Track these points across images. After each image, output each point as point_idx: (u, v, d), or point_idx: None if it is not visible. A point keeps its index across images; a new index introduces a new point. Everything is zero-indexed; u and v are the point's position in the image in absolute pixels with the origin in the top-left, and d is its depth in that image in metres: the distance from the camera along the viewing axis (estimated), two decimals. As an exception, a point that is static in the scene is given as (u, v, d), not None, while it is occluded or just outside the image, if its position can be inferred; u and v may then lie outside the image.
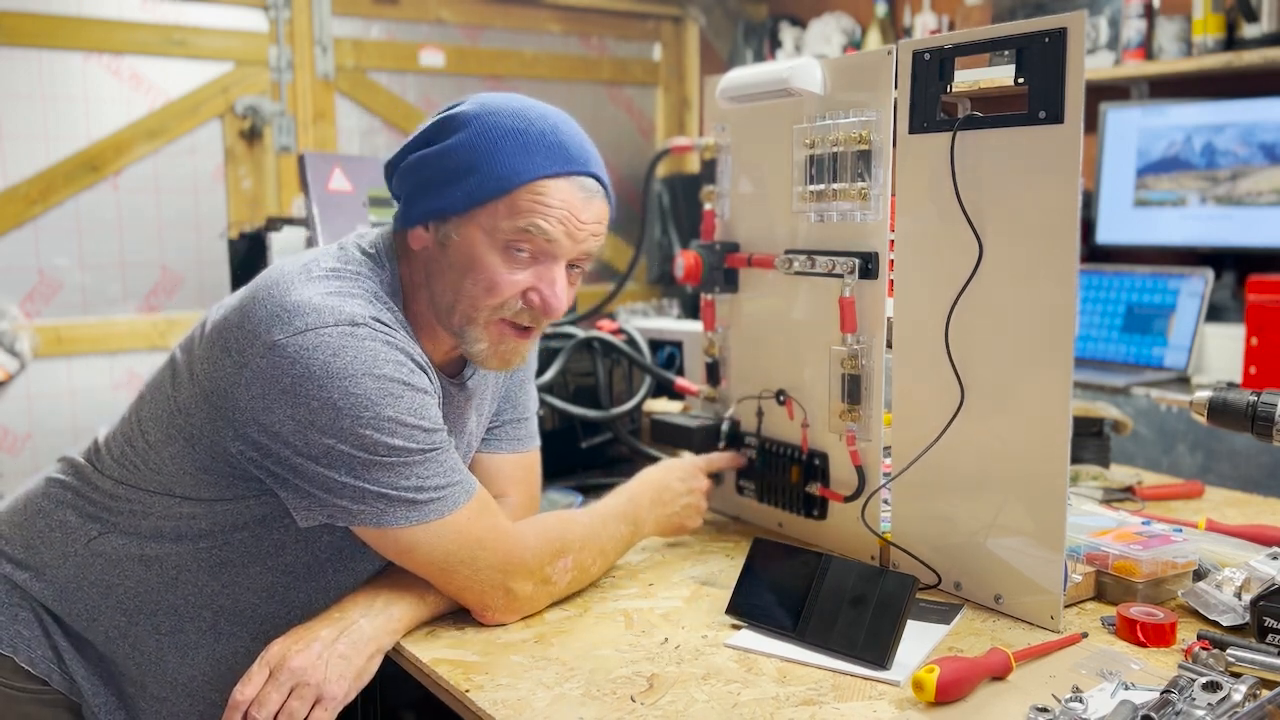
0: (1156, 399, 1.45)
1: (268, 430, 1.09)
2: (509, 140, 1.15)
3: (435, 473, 1.13)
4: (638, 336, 1.85)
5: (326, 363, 1.07)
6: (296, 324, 1.09)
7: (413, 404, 1.11)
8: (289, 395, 1.07)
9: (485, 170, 1.15)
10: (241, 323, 1.12)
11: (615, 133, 4.63)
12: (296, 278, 1.14)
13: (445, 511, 1.13)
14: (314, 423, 1.07)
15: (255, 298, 1.13)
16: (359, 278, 1.17)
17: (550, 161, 1.16)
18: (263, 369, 1.08)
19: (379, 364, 1.09)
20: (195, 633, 1.21)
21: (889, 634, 1.09)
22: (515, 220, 1.16)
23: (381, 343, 1.11)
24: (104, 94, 3.50)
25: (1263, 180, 2.87)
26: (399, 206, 1.23)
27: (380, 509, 1.11)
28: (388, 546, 1.15)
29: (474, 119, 1.17)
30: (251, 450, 1.11)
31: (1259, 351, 2.53)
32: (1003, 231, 1.20)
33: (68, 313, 3.50)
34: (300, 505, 1.13)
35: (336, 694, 1.08)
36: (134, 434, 1.21)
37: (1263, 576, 1.15)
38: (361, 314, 1.11)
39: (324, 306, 1.10)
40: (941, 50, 1.25)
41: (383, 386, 1.08)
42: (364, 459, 1.09)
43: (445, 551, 1.15)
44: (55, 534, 1.22)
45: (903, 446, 1.32)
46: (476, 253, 1.17)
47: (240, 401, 1.10)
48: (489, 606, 1.19)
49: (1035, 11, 3.17)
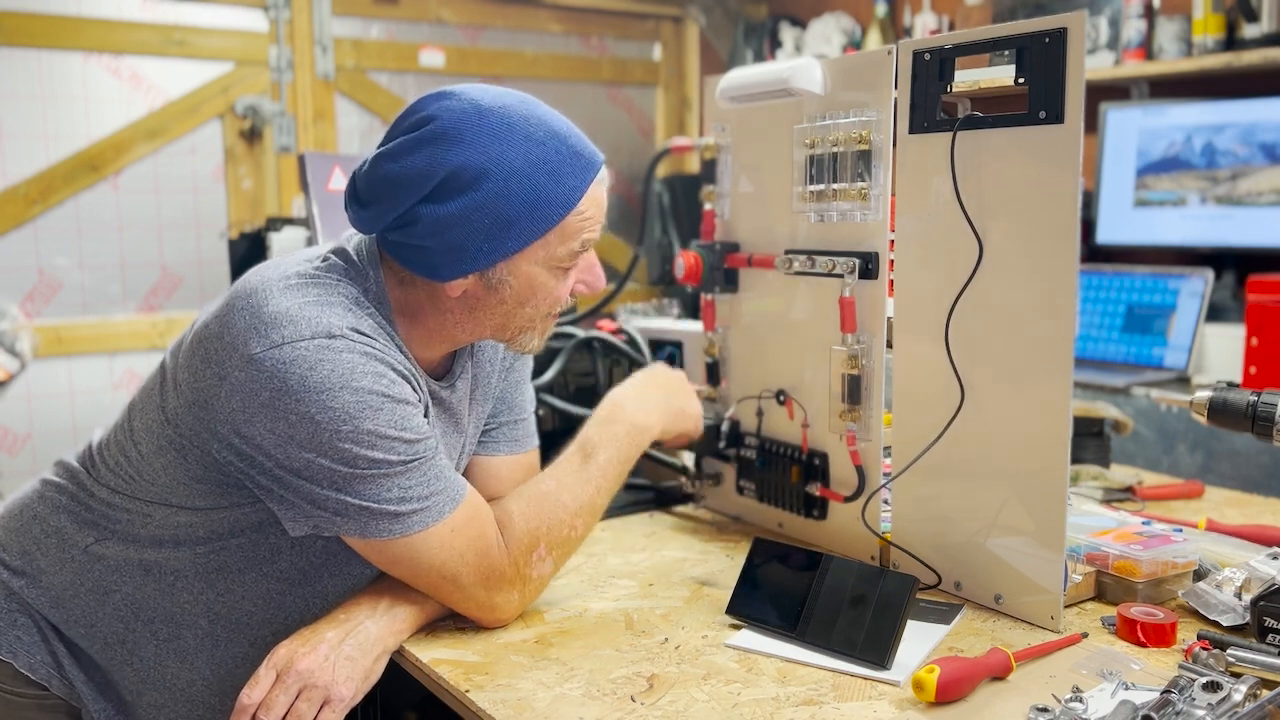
0: (1156, 399, 1.45)
1: (250, 441, 1.08)
2: (538, 174, 1.12)
3: (418, 482, 1.11)
4: (638, 336, 1.85)
5: (304, 377, 1.06)
6: (273, 337, 1.07)
7: (393, 416, 1.09)
8: (268, 409, 1.06)
9: (526, 218, 1.13)
10: (221, 333, 1.10)
11: (615, 133, 4.63)
12: (274, 285, 1.11)
13: (429, 522, 1.12)
14: (293, 437, 1.06)
15: (234, 306, 1.11)
16: (339, 283, 1.15)
17: (578, 177, 1.16)
18: (241, 382, 1.07)
19: (356, 377, 1.07)
20: (193, 639, 1.21)
21: (889, 634, 1.09)
22: (568, 244, 1.17)
23: (359, 354, 1.09)
24: (104, 94, 3.50)
25: (1263, 180, 2.87)
26: (407, 251, 1.15)
27: (363, 521, 1.10)
28: (375, 557, 1.15)
29: (491, 167, 1.10)
30: (237, 460, 1.11)
31: (1259, 351, 2.53)
32: (1003, 231, 1.20)
33: (68, 313, 3.50)
34: (287, 515, 1.12)
35: (344, 695, 1.08)
36: (127, 444, 1.20)
37: (1263, 576, 1.15)
38: (339, 325, 1.09)
39: (300, 318, 1.08)
40: (941, 50, 1.25)
41: (361, 400, 1.07)
42: (345, 472, 1.08)
43: (428, 565, 1.14)
44: (51, 540, 1.22)
45: (903, 446, 1.32)
46: (536, 284, 1.18)
47: (221, 414, 1.09)
48: (476, 618, 1.20)
49: (1035, 11, 3.17)
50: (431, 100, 1.14)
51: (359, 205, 1.16)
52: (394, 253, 1.17)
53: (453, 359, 1.29)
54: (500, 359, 1.37)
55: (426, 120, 1.12)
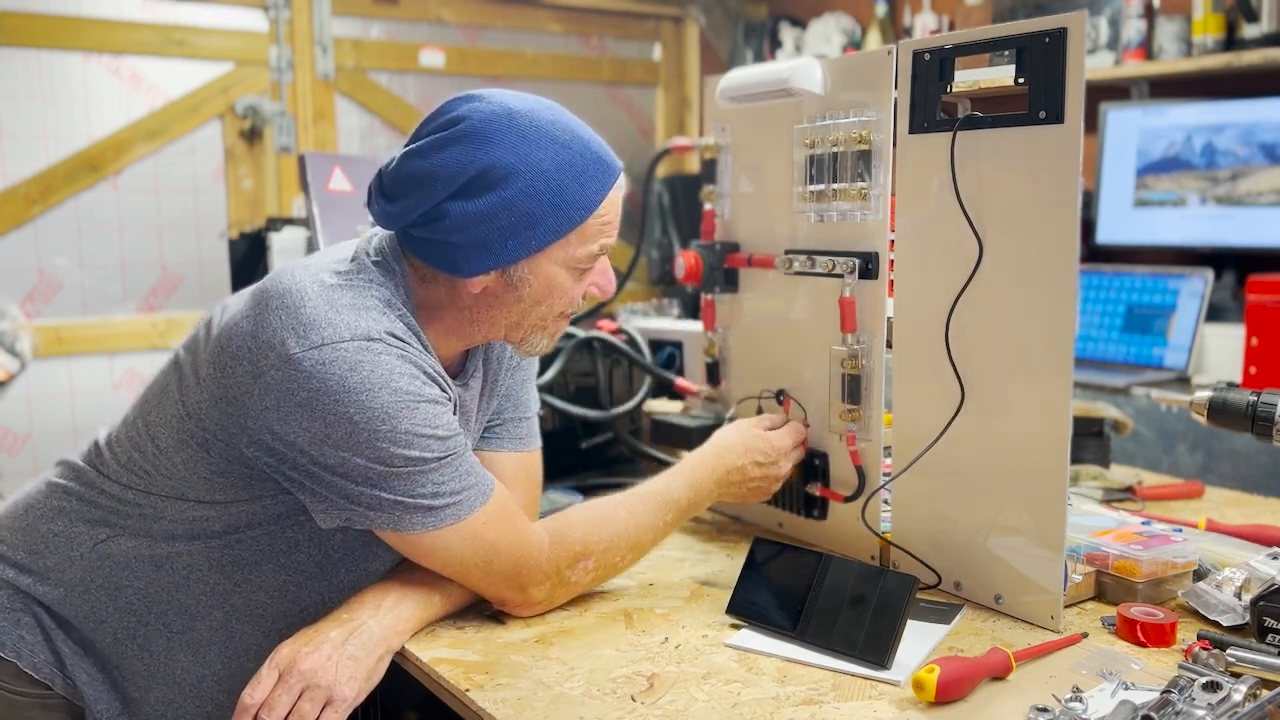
0: (1156, 399, 1.45)
1: (283, 440, 1.10)
2: (564, 175, 1.15)
3: (451, 477, 1.13)
4: (638, 336, 1.85)
5: (343, 378, 1.07)
6: (313, 338, 1.09)
7: (427, 415, 1.11)
8: (305, 409, 1.08)
9: (551, 217, 1.16)
10: (255, 331, 1.11)
11: (615, 133, 4.63)
12: (310, 287, 1.13)
13: (461, 515, 1.14)
14: (329, 436, 1.08)
15: (268, 305, 1.12)
16: (370, 285, 1.16)
17: (600, 181, 1.18)
18: (278, 381, 1.08)
19: (394, 378, 1.09)
20: (207, 631, 1.22)
21: (889, 634, 1.09)
22: (587, 246, 1.20)
23: (396, 357, 1.11)
24: (104, 94, 3.50)
25: (1263, 180, 2.87)
26: (431, 247, 1.17)
27: (397, 515, 1.12)
28: (407, 549, 1.16)
29: (520, 167, 1.13)
30: (267, 456, 1.12)
31: (1259, 351, 2.53)
32: (1003, 231, 1.20)
33: (68, 313, 3.50)
34: (319, 509, 1.14)
35: (347, 695, 1.09)
36: (141, 439, 1.21)
37: (1263, 576, 1.15)
38: (376, 328, 1.11)
39: (340, 321, 1.10)
40: (941, 50, 1.25)
41: (398, 400, 1.09)
42: (380, 470, 1.09)
43: (460, 555, 1.16)
44: (60, 539, 1.22)
45: (903, 446, 1.32)
46: (555, 283, 1.20)
47: (254, 410, 1.10)
48: (506, 604, 1.22)
49: (1035, 11, 3.17)
50: (461, 102, 1.17)
51: (386, 200, 1.18)
52: (416, 249, 1.19)
53: (466, 357, 1.30)
54: (509, 357, 1.38)
55: (457, 120, 1.14)
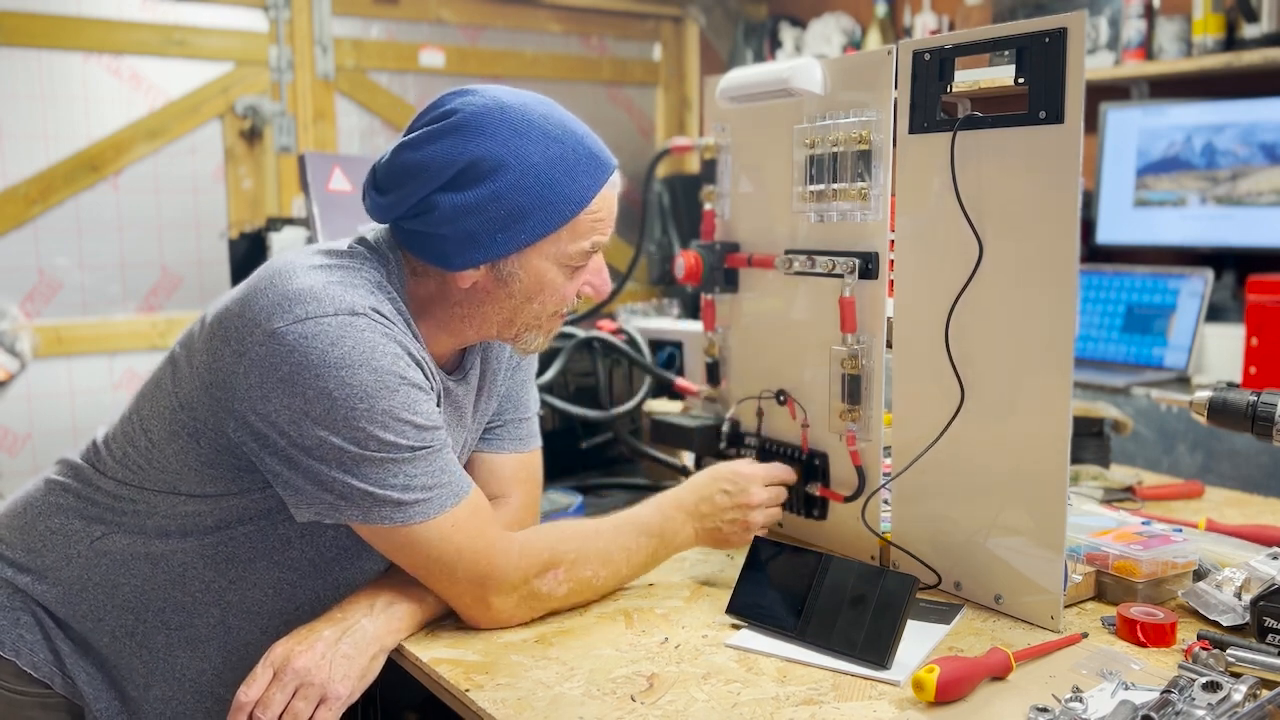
0: (1156, 399, 1.45)
1: (265, 419, 1.09)
2: (554, 169, 1.15)
3: (424, 471, 1.12)
4: (638, 336, 1.85)
5: (324, 352, 1.07)
6: (296, 312, 1.09)
7: (407, 399, 1.11)
8: (286, 384, 1.08)
9: (540, 211, 1.15)
10: (242, 311, 1.12)
11: (615, 133, 4.62)
12: (299, 266, 1.14)
13: (430, 514, 1.13)
14: (308, 413, 1.08)
15: (256, 287, 1.13)
16: (362, 267, 1.17)
17: (592, 177, 1.18)
18: (261, 357, 1.09)
19: (376, 355, 1.09)
20: (205, 628, 1.22)
21: (889, 634, 1.09)
22: (578, 243, 1.19)
23: (380, 334, 1.11)
24: (104, 94, 3.50)
25: (1263, 180, 2.87)
26: (421, 239, 1.17)
27: (366, 506, 1.11)
28: (378, 542, 1.16)
29: (510, 159, 1.13)
30: (251, 439, 1.12)
31: (1259, 351, 2.53)
32: (1003, 231, 1.20)
33: (68, 313, 3.50)
34: (293, 499, 1.13)
35: (341, 694, 1.09)
36: (135, 433, 1.21)
37: (1263, 576, 1.15)
38: (361, 304, 1.11)
39: (324, 295, 1.10)
40: (941, 50, 1.25)
41: (379, 379, 1.09)
42: (354, 453, 1.09)
43: (426, 555, 1.15)
44: (57, 536, 1.22)
45: (903, 446, 1.32)
46: (545, 280, 1.20)
47: (239, 390, 1.10)
48: (469, 613, 1.19)
49: (1035, 11, 3.17)
50: (455, 96, 1.17)
51: (378, 192, 1.18)
52: (407, 242, 1.19)
53: (463, 355, 1.30)
54: (508, 357, 1.38)
55: (449, 113, 1.15)
